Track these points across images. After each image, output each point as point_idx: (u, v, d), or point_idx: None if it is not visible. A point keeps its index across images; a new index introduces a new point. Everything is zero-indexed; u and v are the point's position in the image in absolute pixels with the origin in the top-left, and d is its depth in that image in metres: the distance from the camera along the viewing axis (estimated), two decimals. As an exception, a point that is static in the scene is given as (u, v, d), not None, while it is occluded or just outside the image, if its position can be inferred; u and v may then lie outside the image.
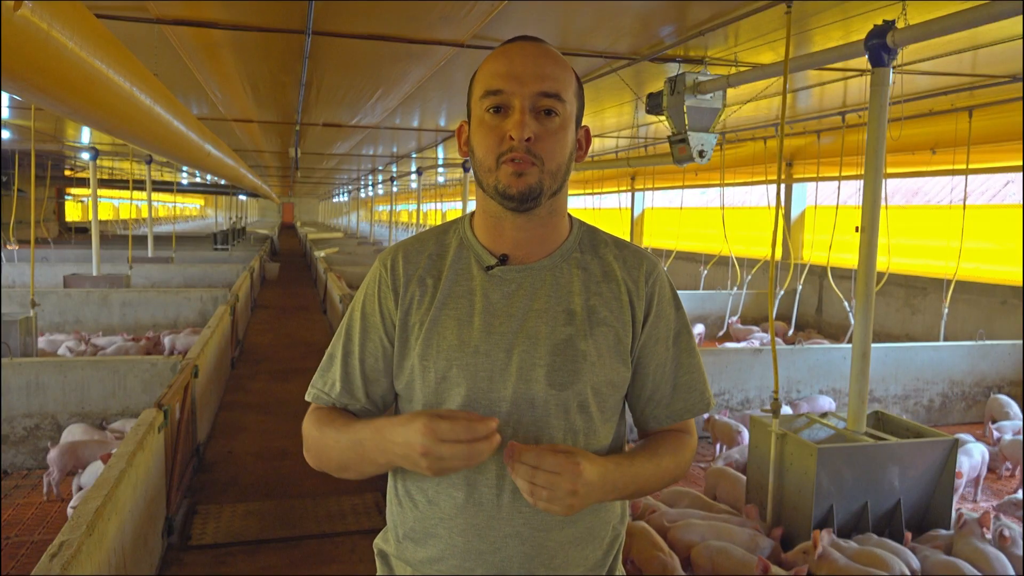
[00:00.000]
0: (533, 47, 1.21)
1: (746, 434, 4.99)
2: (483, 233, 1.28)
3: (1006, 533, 3.35)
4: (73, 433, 4.36)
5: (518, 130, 1.15)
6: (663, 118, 5.21)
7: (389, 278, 1.28)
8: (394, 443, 1.13)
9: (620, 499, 1.26)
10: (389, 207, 23.22)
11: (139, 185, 18.29)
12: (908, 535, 3.49)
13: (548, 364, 1.20)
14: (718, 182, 9.10)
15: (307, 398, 1.34)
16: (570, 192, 1.41)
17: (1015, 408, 5.59)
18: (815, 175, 8.72)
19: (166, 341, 7.43)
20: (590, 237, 1.32)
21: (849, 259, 8.38)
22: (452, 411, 1.12)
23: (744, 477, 4.09)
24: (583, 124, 1.28)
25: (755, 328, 9.12)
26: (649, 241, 15.46)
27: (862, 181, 3.76)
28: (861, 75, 5.58)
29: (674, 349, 1.31)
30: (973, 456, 4.43)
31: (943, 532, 3.58)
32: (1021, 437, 4.94)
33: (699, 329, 9.18)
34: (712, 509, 3.82)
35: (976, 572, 3.17)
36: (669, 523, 3.50)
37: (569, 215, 1.33)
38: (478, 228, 1.29)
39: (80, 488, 3.86)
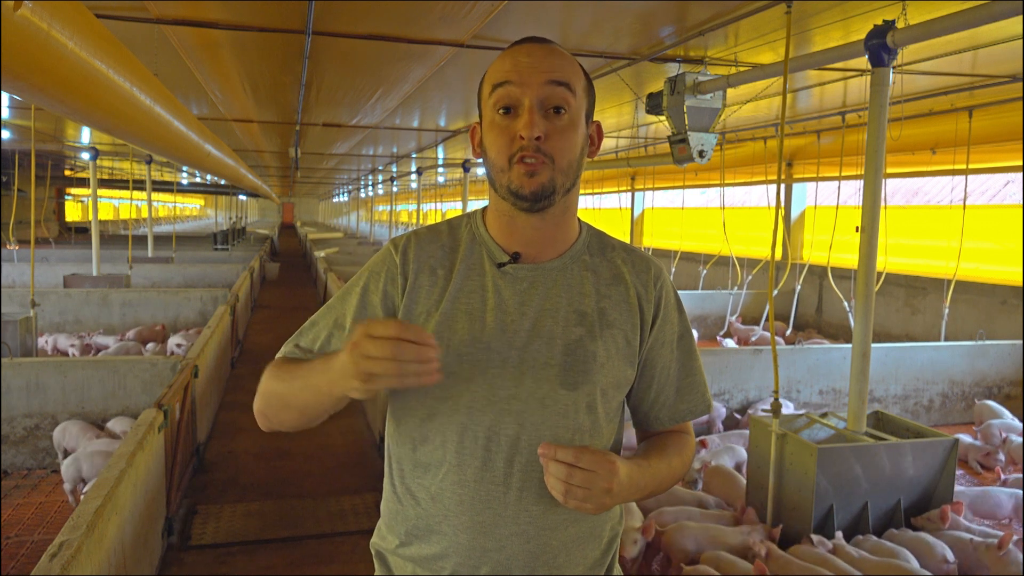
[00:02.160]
0: (541, 46, 1.22)
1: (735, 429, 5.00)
2: (496, 230, 1.28)
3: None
4: (70, 431, 4.35)
5: (528, 129, 1.16)
6: (663, 118, 5.21)
7: (399, 261, 1.27)
8: (335, 357, 1.10)
9: (639, 499, 1.27)
10: (389, 207, 23.22)
11: (139, 185, 18.29)
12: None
13: (560, 364, 1.21)
14: (718, 182, 9.10)
15: (278, 355, 1.31)
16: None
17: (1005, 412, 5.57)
18: (815, 175, 8.72)
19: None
20: (598, 241, 1.33)
21: (849, 259, 8.38)
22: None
23: (740, 476, 4.09)
24: (594, 120, 1.28)
25: (756, 328, 9.12)
26: (649, 241, 15.45)
27: (862, 181, 3.76)
28: (861, 75, 5.58)
29: (678, 352, 1.33)
30: None
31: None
32: (1022, 438, 4.94)
33: (696, 335, 9.15)
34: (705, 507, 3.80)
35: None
36: (661, 527, 3.46)
37: (578, 218, 1.33)
38: (491, 224, 1.29)
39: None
